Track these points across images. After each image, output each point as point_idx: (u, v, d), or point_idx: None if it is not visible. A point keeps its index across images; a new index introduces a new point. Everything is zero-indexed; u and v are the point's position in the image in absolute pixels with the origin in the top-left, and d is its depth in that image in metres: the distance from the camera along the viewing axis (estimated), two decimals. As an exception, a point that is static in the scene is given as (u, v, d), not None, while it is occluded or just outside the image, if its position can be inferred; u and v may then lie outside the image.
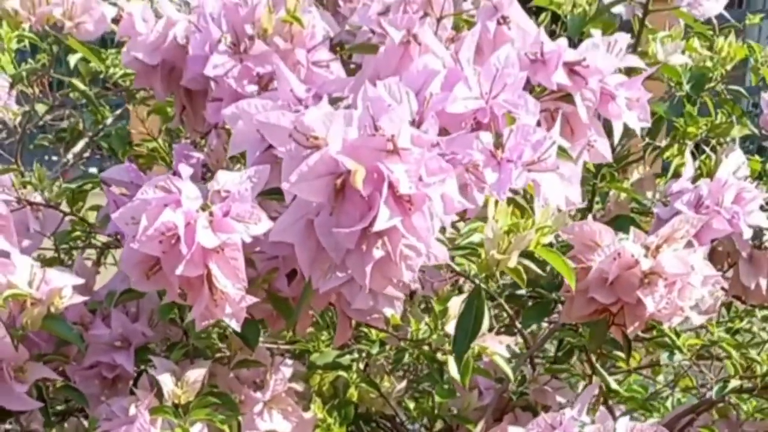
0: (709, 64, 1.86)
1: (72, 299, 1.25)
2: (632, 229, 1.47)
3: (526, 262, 1.03)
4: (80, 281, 1.28)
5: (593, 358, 1.57)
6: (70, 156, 2.15)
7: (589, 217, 1.71)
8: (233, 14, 1.34)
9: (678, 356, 1.58)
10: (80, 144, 2.17)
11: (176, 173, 1.16)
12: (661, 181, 2.05)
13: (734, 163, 1.68)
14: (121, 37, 1.58)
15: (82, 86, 1.77)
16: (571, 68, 1.30)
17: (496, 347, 1.27)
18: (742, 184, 1.64)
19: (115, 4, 1.68)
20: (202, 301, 1.09)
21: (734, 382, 1.47)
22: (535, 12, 2.01)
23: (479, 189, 1.13)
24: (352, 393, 1.73)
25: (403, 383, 1.86)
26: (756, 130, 1.99)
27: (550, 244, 1.05)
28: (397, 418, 1.90)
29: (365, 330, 1.66)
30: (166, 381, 1.19)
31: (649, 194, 2.04)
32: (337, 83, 1.31)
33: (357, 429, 1.83)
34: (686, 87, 1.85)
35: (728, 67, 1.89)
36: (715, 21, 1.97)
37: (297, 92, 1.20)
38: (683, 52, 1.86)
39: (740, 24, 1.99)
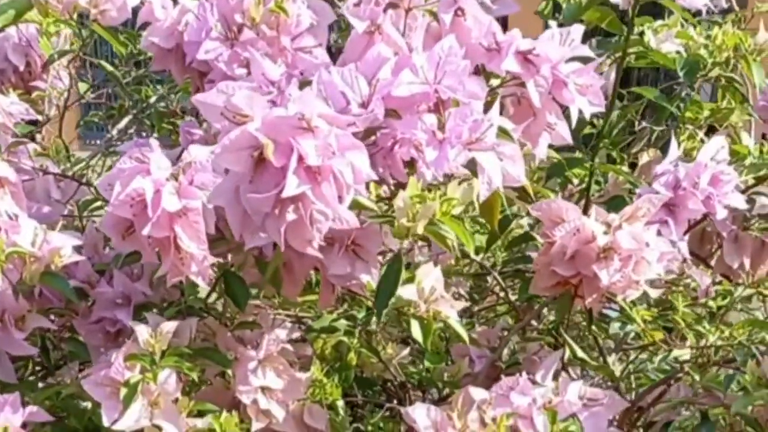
0: (703, 51, 1.94)
1: (71, 258, 1.41)
2: (594, 206, 1.58)
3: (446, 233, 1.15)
4: (78, 242, 1.44)
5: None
6: (114, 132, 2.33)
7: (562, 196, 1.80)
8: (224, 5, 1.49)
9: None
10: (124, 120, 2.34)
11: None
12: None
13: (714, 146, 1.76)
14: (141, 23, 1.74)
15: (109, 67, 1.92)
16: (525, 56, 1.42)
17: (449, 311, 1.39)
18: (719, 167, 1.72)
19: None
20: (169, 259, 1.24)
21: (677, 352, 1.56)
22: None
23: (425, 165, 1.26)
24: (352, 357, 1.84)
25: (407, 350, 1.96)
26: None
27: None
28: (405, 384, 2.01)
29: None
30: (142, 331, 1.34)
31: (657, 177, 2.13)
32: (318, 67, 1.44)
33: (363, 393, 1.95)
34: (680, 73, 1.94)
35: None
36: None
37: (269, 75, 1.34)
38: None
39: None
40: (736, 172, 1.75)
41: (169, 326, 1.34)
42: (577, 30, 1.45)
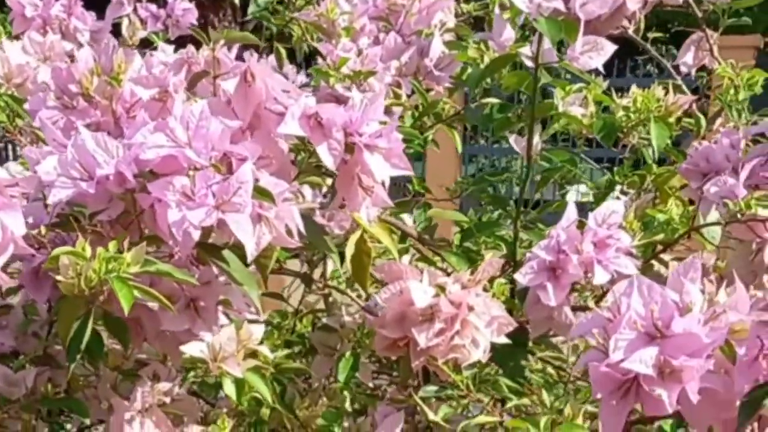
0: (620, 114, 1.89)
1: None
2: (426, 269, 1.57)
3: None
4: None
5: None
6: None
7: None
8: (59, 75, 1.57)
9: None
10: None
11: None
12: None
13: (605, 210, 1.71)
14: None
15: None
16: (317, 121, 1.43)
17: (235, 370, 1.41)
18: (607, 231, 1.68)
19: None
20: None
21: (480, 418, 1.51)
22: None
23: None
24: (265, 412, 1.85)
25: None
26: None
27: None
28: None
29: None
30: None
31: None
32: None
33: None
34: (597, 137, 1.90)
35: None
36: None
37: (59, 140, 1.41)
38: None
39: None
40: (627, 236, 1.71)
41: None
42: (378, 96, 1.45)
